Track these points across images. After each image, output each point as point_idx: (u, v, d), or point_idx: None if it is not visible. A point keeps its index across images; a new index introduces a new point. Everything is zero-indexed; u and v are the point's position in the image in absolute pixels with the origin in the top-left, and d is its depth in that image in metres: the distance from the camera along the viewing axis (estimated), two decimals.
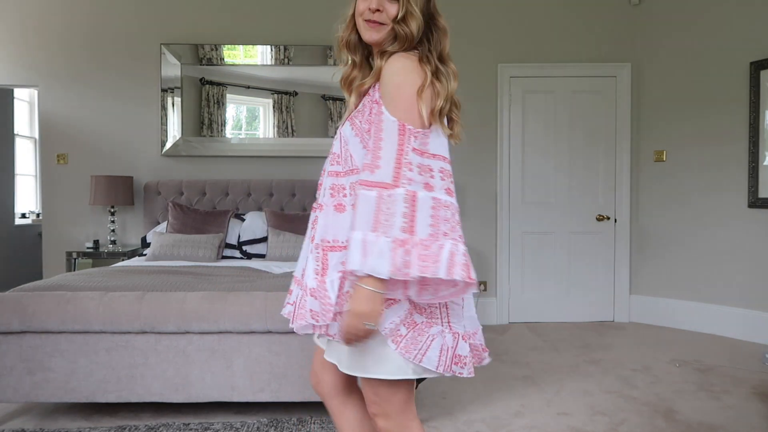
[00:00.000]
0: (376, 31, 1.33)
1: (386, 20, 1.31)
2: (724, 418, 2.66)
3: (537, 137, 4.69)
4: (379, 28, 1.33)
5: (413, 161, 1.22)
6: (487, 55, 4.63)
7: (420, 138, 1.24)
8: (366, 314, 1.18)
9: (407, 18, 1.30)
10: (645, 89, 4.65)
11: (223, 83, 4.60)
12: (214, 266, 3.41)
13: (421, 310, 1.28)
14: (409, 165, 1.21)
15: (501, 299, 4.68)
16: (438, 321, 1.29)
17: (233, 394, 2.51)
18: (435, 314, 1.29)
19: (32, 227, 5.85)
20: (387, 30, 1.32)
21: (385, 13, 1.31)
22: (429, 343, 1.25)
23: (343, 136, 1.37)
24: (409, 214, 1.18)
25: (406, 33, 1.31)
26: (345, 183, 1.34)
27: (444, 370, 1.27)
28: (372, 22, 1.32)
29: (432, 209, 1.21)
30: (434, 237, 1.19)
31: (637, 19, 4.65)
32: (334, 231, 1.33)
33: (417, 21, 1.31)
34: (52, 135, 4.55)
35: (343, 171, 1.35)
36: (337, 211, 1.34)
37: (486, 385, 3.12)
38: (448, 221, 1.23)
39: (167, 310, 2.46)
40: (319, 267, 1.33)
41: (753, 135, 4.03)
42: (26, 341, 2.48)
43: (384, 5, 1.31)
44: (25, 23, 4.52)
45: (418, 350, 1.24)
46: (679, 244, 4.47)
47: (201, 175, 4.57)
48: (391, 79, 1.27)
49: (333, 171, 1.37)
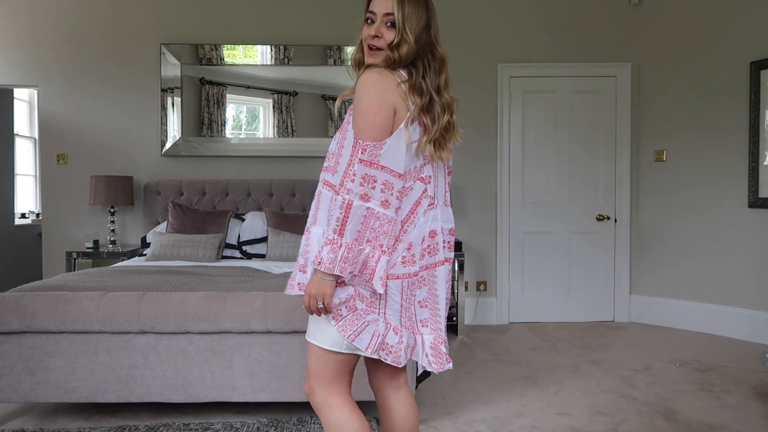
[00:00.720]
0: (375, 57, 1.48)
1: (383, 45, 1.46)
2: (724, 417, 2.66)
3: (537, 137, 4.69)
4: (377, 54, 1.47)
5: (358, 172, 1.37)
6: (487, 55, 4.63)
7: (369, 150, 1.37)
8: (313, 294, 1.39)
9: (400, 45, 1.45)
10: (645, 89, 4.65)
11: (223, 83, 4.60)
12: (214, 266, 3.41)
13: (362, 298, 1.44)
14: (353, 176, 1.37)
15: (501, 299, 4.68)
16: (376, 310, 1.46)
17: (233, 394, 2.51)
18: (374, 304, 1.46)
19: (32, 227, 5.85)
20: (384, 55, 1.47)
21: (383, 39, 1.46)
22: (364, 327, 1.44)
23: (336, 138, 1.55)
24: (341, 219, 1.36)
25: (395, 58, 1.45)
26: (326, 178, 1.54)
27: (372, 352, 1.45)
28: (372, 48, 1.48)
29: (363, 218, 1.36)
30: (358, 242, 1.37)
31: (637, 19, 4.65)
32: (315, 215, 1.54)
33: (408, 47, 1.44)
34: (52, 135, 4.55)
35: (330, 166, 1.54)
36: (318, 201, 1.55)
37: (486, 385, 3.12)
38: (375, 230, 1.38)
39: (167, 310, 2.46)
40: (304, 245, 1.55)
41: (753, 135, 4.03)
42: (26, 341, 2.48)
43: (382, 32, 1.46)
44: (24, 23, 4.52)
45: (353, 331, 1.43)
46: (679, 243, 4.47)
47: (201, 175, 4.57)
48: (356, 91, 1.44)
49: (325, 166, 1.55)
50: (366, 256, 1.38)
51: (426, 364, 1.52)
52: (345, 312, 1.43)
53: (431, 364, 1.51)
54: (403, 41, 1.43)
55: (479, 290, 4.68)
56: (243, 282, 2.85)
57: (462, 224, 4.65)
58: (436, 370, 1.51)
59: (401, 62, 1.45)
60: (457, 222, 4.67)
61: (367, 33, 1.48)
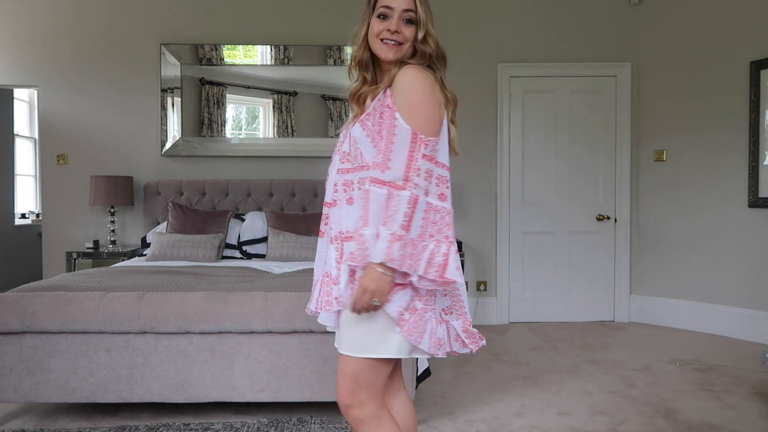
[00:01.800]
0: (395, 51, 1.47)
1: (404, 41, 1.47)
2: (724, 417, 2.66)
3: (537, 137, 4.69)
4: (396, 48, 1.47)
5: (422, 167, 1.36)
6: (487, 55, 4.63)
7: (430, 145, 1.38)
8: (371, 290, 1.33)
9: (427, 38, 1.48)
10: (645, 89, 4.65)
11: (223, 83, 4.60)
12: (214, 266, 3.41)
13: (420, 296, 1.42)
14: (417, 170, 1.36)
15: (501, 299, 4.68)
16: (431, 307, 1.45)
17: (233, 394, 2.51)
18: (430, 301, 1.44)
19: (32, 227, 5.85)
20: (404, 49, 1.48)
21: (402, 35, 1.46)
22: (425, 326, 1.42)
23: (353, 135, 1.49)
24: (408, 214, 1.33)
25: (427, 50, 1.48)
26: (354, 178, 1.47)
27: (432, 351, 1.43)
28: (390, 43, 1.47)
29: (424, 212, 1.37)
30: (421, 238, 1.36)
31: (637, 19, 4.65)
32: (347, 222, 1.46)
33: (434, 39, 1.49)
34: (52, 135, 4.55)
35: (352, 167, 1.48)
36: (348, 204, 1.47)
37: (486, 385, 3.12)
38: (436, 224, 1.40)
39: (167, 310, 2.46)
40: (338, 256, 1.48)
41: (753, 135, 4.03)
42: (26, 341, 2.48)
43: (401, 28, 1.46)
44: (25, 24, 4.52)
45: (418, 333, 1.41)
46: (679, 243, 4.47)
47: (201, 175, 4.57)
48: (405, 87, 1.41)
49: (343, 168, 1.50)
50: (431, 253, 1.36)
51: (459, 348, 1.49)
52: (407, 316, 1.40)
53: (467, 346, 1.49)
54: (428, 36, 1.48)
55: (479, 290, 4.68)
56: (243, 282, 2.85)
57: (462, 224, 4.65)
58: (474, 350, 1.49)
59: (432, 55, 1.48)
60: (457, 222, 4.68)
61: (381, 28, 1.47)
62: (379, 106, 1.45)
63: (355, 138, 1.47)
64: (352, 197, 1.47)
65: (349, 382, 1.45)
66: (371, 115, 1.46)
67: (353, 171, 1.48)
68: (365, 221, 1.37)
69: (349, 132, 1.50)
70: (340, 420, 2.58)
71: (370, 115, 1.47)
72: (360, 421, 1.45)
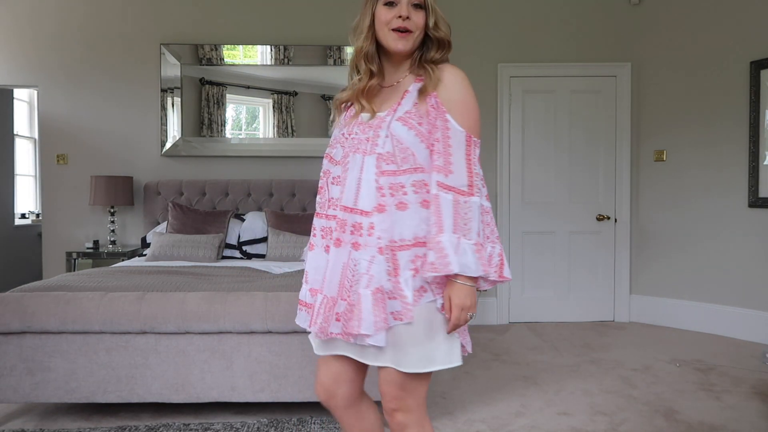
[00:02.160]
0: (406, 40, 1.39)
1: (414, 28, 1.39)
2: (724, 417, 2.66)
3: (537, 137, 4.69)
4: (408, 36, 1.39)
5: (479, 171, 1.37)
6: (487, 55, 4.63)
7: (479, 148, 1.39)
8: (468, 307, 1.33)
9: (439, 24, 1.41)
10: (645, 89, 4.65)
11: (223, 83, 4.60)
12: (214, 266, 3.41)
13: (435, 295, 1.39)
14: (478, 175, 1.36)
15: (501, 299, 4.68)
16: None
17: (233, 394, 2.51)
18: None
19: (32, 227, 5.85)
20: (414, 38, 1.40)
21: (413, 21, 1.38)
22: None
23: (396, 135, 1.37)
24: (480, 220, 1.34)
25: (442, 37, 1.42)
26: (404, 181, 1.37)
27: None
28: (401, 31, 1.38)
29: (481, 215, 1.36)
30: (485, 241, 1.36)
31: (637, 19, 4.64)
32: (399, 230, 1.36)
33: (446, 25, 1.42)
34: (52, 135, 4.55)
35: (400, 170, 1.37)
36: (399, 210, 1.36)
37: (486, 385, 3.12)
38: (489, 225, 1.39)
39: (167, 311, 2.46)
40: (390, 268, 1.35)
41: (753, 135, 4.03)
42: (26, 341, 2.48)
43: (411, 13, 1.38)
44: (24, 23, 4.52)
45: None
46: (679, 243, 4.47)
47: (201, 175, 4.57)
48: (458, 89, 1.38)
49: (388, 170, 1.37)
50: (490, 254, 1.37)
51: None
52: None
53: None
54: (440, 20, 1.41)
55: (479, 290, 4.67)
56: (243, 282, 2.85)
57: None
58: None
59: (450, 42, 1.43)
60: None
61: (390, 16, 1.38)
62: (423, 106, 1.38)
63: (400, 138, 1.36)
64: (404, 202, 1.36)
65: (399, 390, 1.39)
66: (415, 114, 1.38)
67: (402, 173, 1.37)
68: (440, 228, 1.30)
69: (390, 132, 1.37)
70: None
71: (414, 114, 1.38)
72: (404, 425, 1.41)
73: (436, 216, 1.32)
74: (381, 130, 1.38)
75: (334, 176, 1.46)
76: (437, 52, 1.43)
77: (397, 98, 1.42)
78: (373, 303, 1.33)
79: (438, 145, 1.35)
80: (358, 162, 1.39)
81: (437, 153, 1.35)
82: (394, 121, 1.38)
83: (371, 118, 1.42)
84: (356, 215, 1.38)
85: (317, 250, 1.48)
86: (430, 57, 1.43)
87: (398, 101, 1.41)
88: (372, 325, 1.32)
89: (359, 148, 1.40)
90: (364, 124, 1.42)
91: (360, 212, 1.37)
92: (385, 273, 1.34)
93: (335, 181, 1.45)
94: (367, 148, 1.39)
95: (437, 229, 1.31)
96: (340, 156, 1.45)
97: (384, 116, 1.40)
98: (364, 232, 1.36)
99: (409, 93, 1.41)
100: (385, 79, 1.48)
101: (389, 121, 1.38)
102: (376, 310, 1.33)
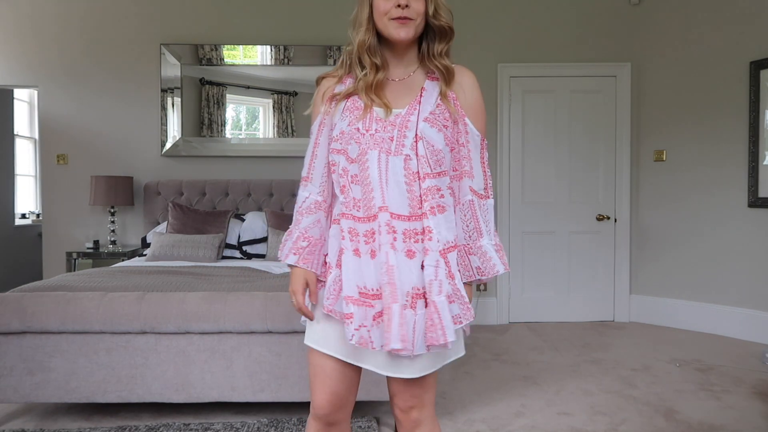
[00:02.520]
0: (408, 28, 1.33)
1: (415, 16, 1.33)
2: (724, 417, 2.66)
3: (537, 137, 4.69)
4: (409, 24, 1.33)
5: (490, 173, 1.44)
6: (487, 55, 4.63)
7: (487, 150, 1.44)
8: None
9: (439, 11, 1.36)
10: (645, 89, 4.65)
11: (223, 83, 4.60)
12: (214, 266, 3.41)
13: None
14: (490, 177, 1.44)
15: (501, 299, 4.68)
16: None
17: (233, 394, 2.51)
18: None
19: (32, 227, 5.86)
20: (416, 26, 1.35)
21: (412, 9, 1.33)
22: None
23: (426, 138, 1.32)
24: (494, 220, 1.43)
25: (444, 25, 1.37)
26: (441, 184, 1.36)
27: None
28: (402, 19, 1.32)
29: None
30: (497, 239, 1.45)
31: (637, 19, 4.65)
32: (445, 233, 1.35)
33: (448, 11, 1.37)
34: (52, 135, 4.55)
35: (434, 172, 1.34)
36: (440, 213, 1.35)
37: (486, 385, 3.13)
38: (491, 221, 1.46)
39: (167, 311, 2.46)
40: (446, 271, 1.33)
41: (753, 135, 4.03)
42: (26, 341, 2.48)
43: (410, 1, 1.32)
44: (24, 23, 4.52)
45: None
46: (679, 243, 4.47)
47: (201, 175, 4.57)
48: (475, 92, 1.42)
49: (428, 173, 1.33)
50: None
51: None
52: None
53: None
54: (441, 7, 1.36)
55: (479, 290, 4.68)
56: (243, 282, 2.85)
57: None
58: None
59: (453, 30, 1.39)
60: None
61: (389, 5, 1.32)
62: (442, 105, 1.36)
63: (431, 140, 1.32)
64: (441, 204, 1.35)
65: (419, 388, 1.39)
66: (438, 116, 1.35)
67: (437, 176, 1.34)
68: (479, 232, 1.39)
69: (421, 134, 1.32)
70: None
71: (437, 115, 1.35)
72: (419, 422, 1.41)
73: (474, 221, 1.39)
74: (408, 130, 1.33)
75: (352, 174, 1.36)
76: (440, 42, 1.39)
77: (414, 95, 1.38)
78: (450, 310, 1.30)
79: (463, 150, 1.38)
80: (383, 161, 1.32)
81: (465, 158, 1.39)
82: (421, 122, 1.33)
83: (388, 115, 1.35)
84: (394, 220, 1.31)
85: (348, 254, 1.35)
86: (437, 50, 1.38)
87: (417, 99, 1.37)
88: (453, 332, 1.29)
89: (382, 147, 1.33)
90: (383, 121, 1.34)
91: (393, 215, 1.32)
92: (446, 276, 1.32)
93: (354, 180, 1.36)
94: (392, 148, 1.32)
95: (477, 234, 1.39)
96: (356, 153, 1.34)
97: (405, 114, 1.35)
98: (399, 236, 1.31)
99: (426, 91, 1.38)
100: (391, 72, 1.41)
101: (415, 121, 1.33)
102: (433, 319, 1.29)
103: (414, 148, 1.32)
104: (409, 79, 1.41)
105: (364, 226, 1.34)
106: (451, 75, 1.38)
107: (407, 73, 1.42)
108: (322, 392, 1.41)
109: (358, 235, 1.35)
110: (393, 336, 1.27)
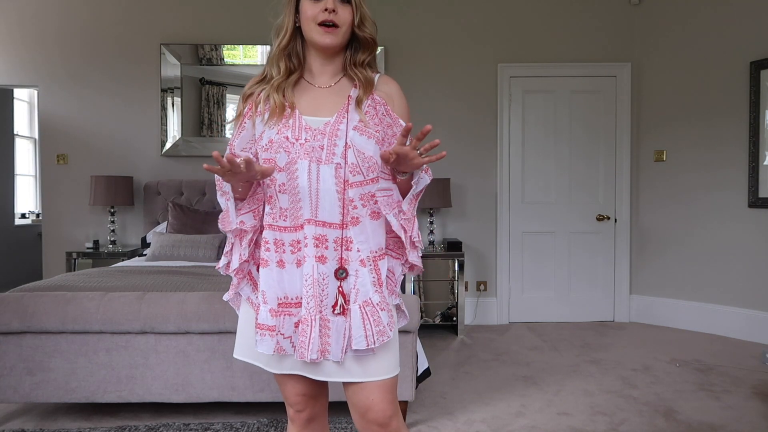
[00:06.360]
0: (334, 36, 1.33)
1: (341, 23, 1.33)
2: (724, 417, 2.66)
3: (537, 137, 4.69)
4: (335, 32, 1.33)
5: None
6: (487, 55, 4.63)
7: None
8: None
9: (364, 22, 1.36)
10: (645, 89, 4.65)
11: (223, 83, 4.60)
12: (214, 266, 3.40)
13: None
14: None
15: (501, 299, 4.68)
16: None
17: (233, 394, 2.51)
18: None
19: (32, 227, 5.86)
20: (342, 33, 1.34)
21: (339, 16, 1.32)
22: None
23: (356, 146, 1.30)
24: None
25: (368, 36, 1.37)
26: (372, 190, 1.33)
27: None
28: (328, 26, 1.32)
29: None
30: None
31: (637, 19, 4.65)
32: (377, 240, 1.35)
33: (372, 24, 1.38)
34: (52, 135, 4.55)
35: (368, 179, 1.33)
36: (374, 220, 1.34)
37: (486, 385, 3.13)
38: None
39: (167, 310, 2.46)
40: (375, 279, 1.32)
41: (753, 135, 4.03)
42: (26, 341, 2.48)
43: (337, 7, 1.32)
44: (25, 23, 4.52)
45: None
46: (679, 243, 4.47)
47: (201, 175, 4.57)
48: (402, 100, 1.42)
49: (356, 182, 1.31)
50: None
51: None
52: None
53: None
54: (366, 18, 1.36)
55: (479, 290, 4.68)
56: None
57: (462, 224, 4.65)
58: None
59: (376, 42, 1.39)
60: (457, 222, 4.68)
61: (316, 10, 1.32)
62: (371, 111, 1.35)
63: (361, 148, 1.30)
64: (375, 211, 1.34)
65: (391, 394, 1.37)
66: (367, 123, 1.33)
67: (370, 183, 1.33)
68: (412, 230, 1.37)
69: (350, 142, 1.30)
70: (339, 420, 2.58)
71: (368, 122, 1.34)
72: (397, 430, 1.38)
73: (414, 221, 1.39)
74: (338, 139, 1.30)
75: (279, 183, 1.31)
76: (364, 52, 1.39)
77: (342, 102, 1.36)
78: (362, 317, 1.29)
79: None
80: (313, 171, 1.30)
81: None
82: (350, 130, 1.31)
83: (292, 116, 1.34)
84: (320, 228, 1.30)
85: (272, 266, 1.34)
86: (359, 60, 1.39)
87: (345, 107, 1.35)
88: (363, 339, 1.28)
89: (312, 156, 1.30)
90: (313, 130, 1.32)
91: (323, 224, 1.30)
92: (371, 285, 1.31)
93: (282, 189, 1.31)
94: (322, 157, 1.29)
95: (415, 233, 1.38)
96: (285, 162, 1.30)
97: (334, 123, 1.32)
98: (330, 245, 1.31)
99: (353, 99, 1.37)
100: (317, 79, 1.40)
101: (344, 130, 1.31)
102: (367, 324, 1.29)
103: (344, 156, 1.30)
104: (336, 86, 1.40)
105: (290, 235, 1.33)
106: (370, 86, 1.37)
107: (334, 80, 1.41)
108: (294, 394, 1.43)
109: (283, 245, 1.33)
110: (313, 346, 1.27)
